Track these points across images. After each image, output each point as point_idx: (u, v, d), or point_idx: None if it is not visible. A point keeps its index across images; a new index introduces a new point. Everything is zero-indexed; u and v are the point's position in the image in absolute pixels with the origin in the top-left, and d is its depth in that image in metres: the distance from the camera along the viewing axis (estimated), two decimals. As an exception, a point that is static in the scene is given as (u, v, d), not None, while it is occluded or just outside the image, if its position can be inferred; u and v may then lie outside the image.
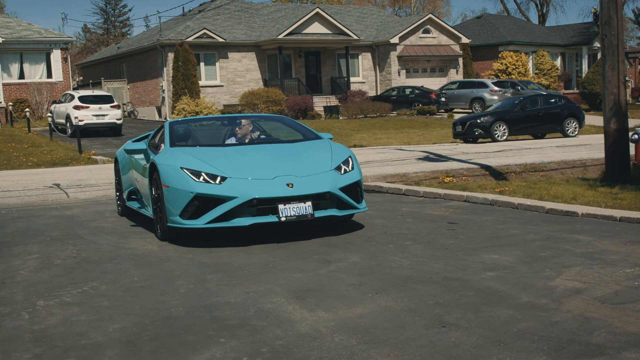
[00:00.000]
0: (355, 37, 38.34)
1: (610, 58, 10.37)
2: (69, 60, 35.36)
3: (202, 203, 7.05)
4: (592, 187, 9.90)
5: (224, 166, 7.32)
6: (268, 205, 7.02)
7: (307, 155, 7.82)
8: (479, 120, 22.72)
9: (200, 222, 7.04)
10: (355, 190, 7.62)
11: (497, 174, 13.25)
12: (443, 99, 35.67)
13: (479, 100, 35.50)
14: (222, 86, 36.40)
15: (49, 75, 34.26)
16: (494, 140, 22.47)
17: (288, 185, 7.12)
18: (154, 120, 35.84)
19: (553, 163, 14.69)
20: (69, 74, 34.94)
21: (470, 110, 35.13)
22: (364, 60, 41.17)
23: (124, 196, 9.58)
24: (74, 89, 37.16)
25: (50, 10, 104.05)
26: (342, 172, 7.56)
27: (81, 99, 26.34)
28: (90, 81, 40.36)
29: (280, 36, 35.81)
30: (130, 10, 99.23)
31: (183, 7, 62.78)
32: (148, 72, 37.25)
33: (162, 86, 35.34)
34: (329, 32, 37.79)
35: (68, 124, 26.29)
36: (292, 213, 7.01)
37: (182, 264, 6.43)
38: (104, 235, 8.17)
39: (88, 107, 26.04)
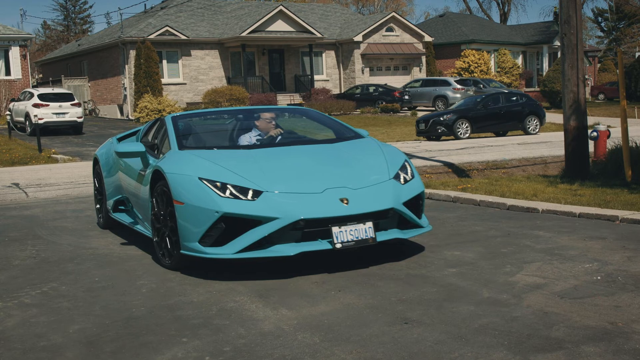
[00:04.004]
0: (319, 35, 38.38)
1: (570, 57, 10.53)
2: (28, 57, 34.80)
3: (230, 226, 5.52)
4: (552, 183, 10.05)
5: (255, 175, 5.78)
6: (318, 227, 5.54)
7: (356, 160, 6.29)
8: (441, 118, 22.91)
9: (229, 251, 5.50)
10: (417, 204, 6.18)
11: (459, 172, 13.37)
12: (406, 97, 35.90)
13: (442, 98, 35.80)
14: (185, 84, 36.15)
15: (8, 72, 33.68)
16: (457, 137, 22.67)
17: (342, 200, 5.63)
18: (115, 118, 35.45)
19: (514, 160, 14.88)
20: (28, 72, 34.38)
21: (434, 108, 35.40)
22: (328, 58, 41.22)
23: (109, 206, 8.09)
24: (34, 86, 36.61)
25: (9, 7, 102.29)
26: (402, 181, 6.11)
27: (41, 97, 25.95)
28: (50, 79, 39.79)
29: (244, 34, 35.68)
30: (90, 7, 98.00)
31: (145, 4, 62.34)
32: (109, 70, 36.81)
33: (123, 84, 34.95)
34: (292, 30, 37.76)
35: (27, 123, 25.87)
36: (349, 237, 5.53)
37: (144, 264, 6.36)
38: (64, 235, 8.05)
39: (48, 105, 25.67)
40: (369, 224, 5.62)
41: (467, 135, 22.89)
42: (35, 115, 23.32)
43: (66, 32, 74.81)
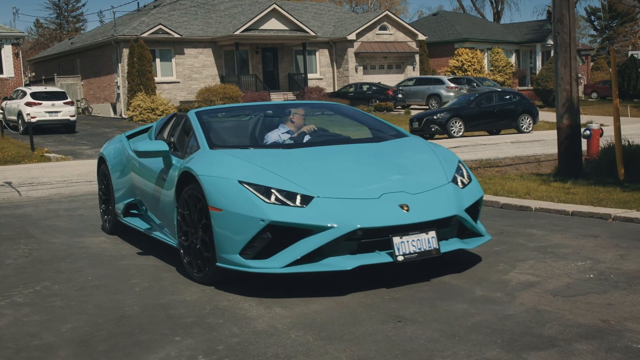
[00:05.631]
0: (313, 34, 38.36)
1: (563, 55, 10.54)
2: (21, 55, 34.66)
3: (277, 236, 4.90)
4: (545, 182, 10.07)
5: (302, 178, 5.17)
6: (376, 237, 4.95)
7: (409, 161, 5.71)
8: (435, 117, 22.95)
9: (276, 265, 4.89)
10: (475, 210, 5.63)
11: (453, 170, 13.36)
12: (400, 96, 35.94)
13: (435, 96, 35.83)
14: (179, 82, 36.08)
15: (0, 71, 33.53)
16: (450, 136, 22.71)
17: (402, 207, 5.05)
18: (108, 117, 35.36)
19: (508, 159, 14.91)
20: (20, 70, 34.25)
21: (427, 107, 35.42)
22: (321, 57, 41.20)
23: (118, 210, 7.43)
24: (26, 85, 36.47)
25: (1, 5, 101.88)
26: (461, 185, 5.55)
27: (33, 95, 25.88)
28: (43, 77, 39.67)
29: (237, 32, 35.62)
30: (83, 5, 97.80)
31: (138, 2, 61.70)
32: (102, 68, 36.71)
33: (117, 82, 34.85)
34: (286, 28, 37.72)
35: (20, 121, 25.80)
36: (412, 249, 4.95)
37: (138, 263, 6.35)
38: (57, 234, 8.02)
39: (41, 103, 25.61)
40: (432, 234, 5.05)
41: (461, 133, 22.93)
42: (28, 114, 23.24)
43: (59, 30, 74.55)
